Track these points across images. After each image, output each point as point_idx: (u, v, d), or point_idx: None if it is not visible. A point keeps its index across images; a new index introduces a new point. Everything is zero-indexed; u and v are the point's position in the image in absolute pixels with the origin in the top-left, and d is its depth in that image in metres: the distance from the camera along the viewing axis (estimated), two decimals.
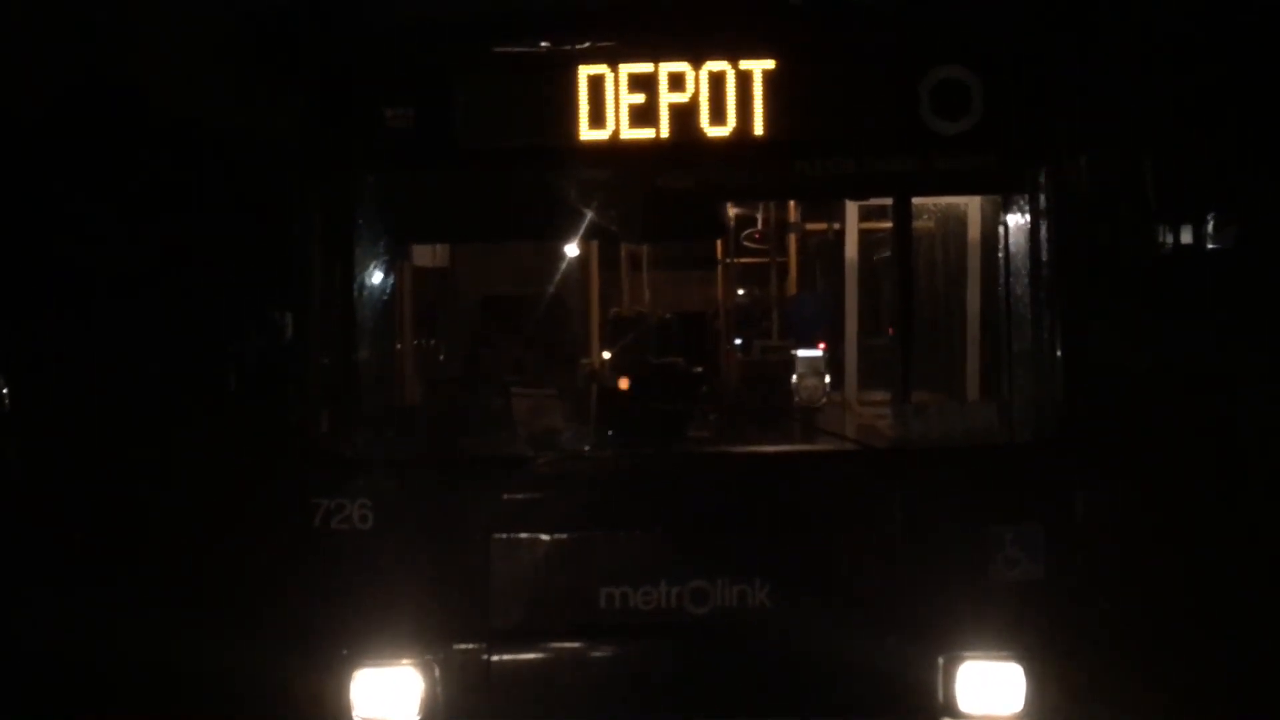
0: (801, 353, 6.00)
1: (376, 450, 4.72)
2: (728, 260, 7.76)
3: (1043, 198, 4.70)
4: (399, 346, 5.41)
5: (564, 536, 4.63)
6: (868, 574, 4.63)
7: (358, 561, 4.59)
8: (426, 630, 4.60)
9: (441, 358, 5.51)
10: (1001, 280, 4.91)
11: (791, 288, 7.53)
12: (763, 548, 4.63)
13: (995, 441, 4.80)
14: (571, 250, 6.24)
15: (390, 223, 4.85)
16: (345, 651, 4.60)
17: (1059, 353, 4.72)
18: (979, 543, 4.63)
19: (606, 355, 5.65)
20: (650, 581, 4.58)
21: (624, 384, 4.95)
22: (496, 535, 4.61)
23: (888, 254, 6.35)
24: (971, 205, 5.66)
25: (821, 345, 6.23)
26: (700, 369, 5.33)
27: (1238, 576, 6.78)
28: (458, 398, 5.21)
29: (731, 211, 7.04)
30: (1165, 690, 5.77)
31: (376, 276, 5.06)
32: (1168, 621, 6.38)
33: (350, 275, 4.77)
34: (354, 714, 4.62)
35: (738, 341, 7.50)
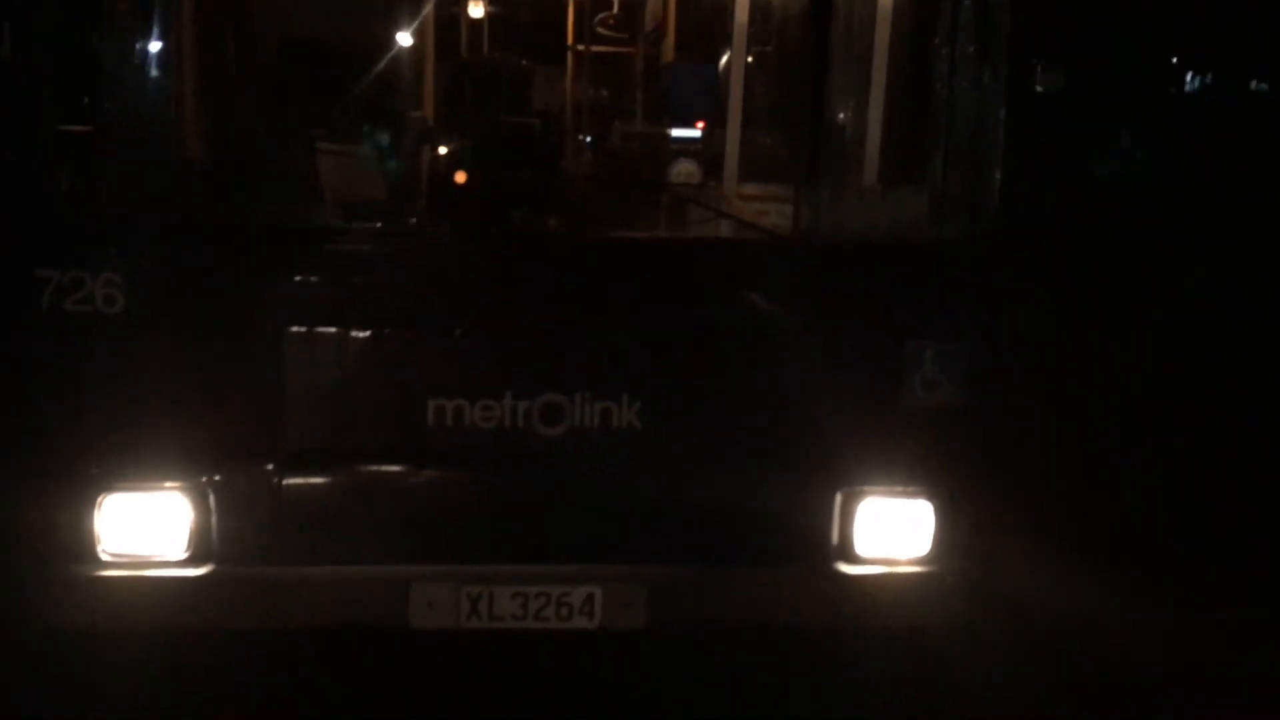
0: (677, 132, 5.03)
1: (128, 210, 3.56)
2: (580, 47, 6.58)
3: None
4: (173, 85, 4.16)
5: (382, 334, 3.61)
6: (757, 392, 3.76)
7: (103, 355, 3.49)
8: (198, 446, 3.57)
9: (231, 105, 4.29)
10: (943, 42, 3.97)
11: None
12: (633, 358, 3.71)
13: (916, 238, 3.92)
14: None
15: None
16: (93, 470, 3.53)
17: (999, 132, 3.84)
18: (893, 360, 3.79)
19: (441, 110, 4.51)
20: (491, 394, 3.61)
21: (451, 148, 3.88)
22: (292, 329, 3.56)
23: (783, 27, 5.35)
24: None
25: (700, 124, 5.24)
26: (558, 132, 4.27)
27: (1174, 407, 6.16)
28: (247, 153, 4.03)
29: None
30: (1088, 535, 5.12)
31: None
32: (1097, 460, 5.73)
33: None
34: (100, 548, 3.57)
35: (587, 139, 6.41)
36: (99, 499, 3.55)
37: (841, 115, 4.88)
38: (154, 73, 3.69)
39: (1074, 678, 4.23)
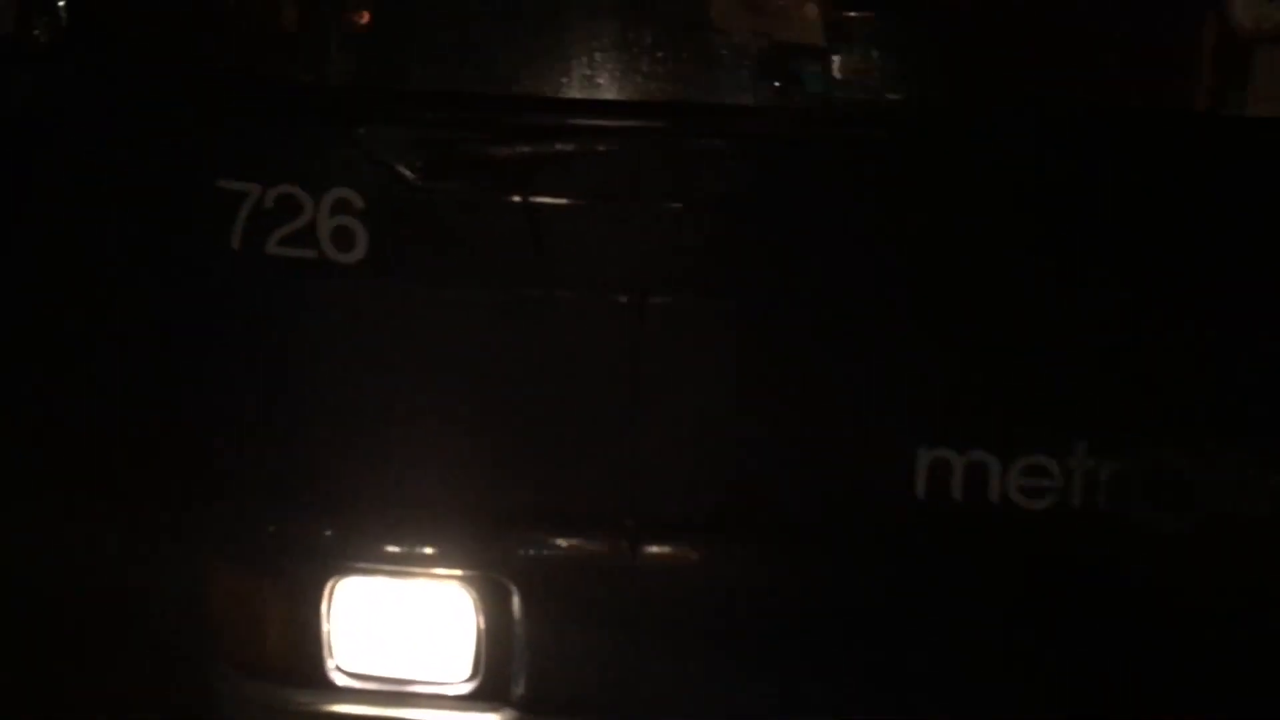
0: None
1: (375, 70, 1.98)
2: None
3: None
4: None
5: (822, 312, 1.85)
6: None
7: (331, 336, 1.95)
8: (487, 505, 1.97)
9: None
10: None
11: None
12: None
13: None
14: None
15: None
16: (322, 536, 2.03)
17: None
18: None
19: None
20: (1044, 441, 1.79)
21: None
22: (658, 298, 1.87)
23: None
24: None
25: None
26: None
27: None
28: None
29: None
30: None
31: None
32: None
33: None
34: (331, 665, 2.07)
35: None
36: (329, 585, 2.03)
37: None
38: None
39: None
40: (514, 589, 2.00)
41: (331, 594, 2.05)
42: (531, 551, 1.98)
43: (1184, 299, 1.78)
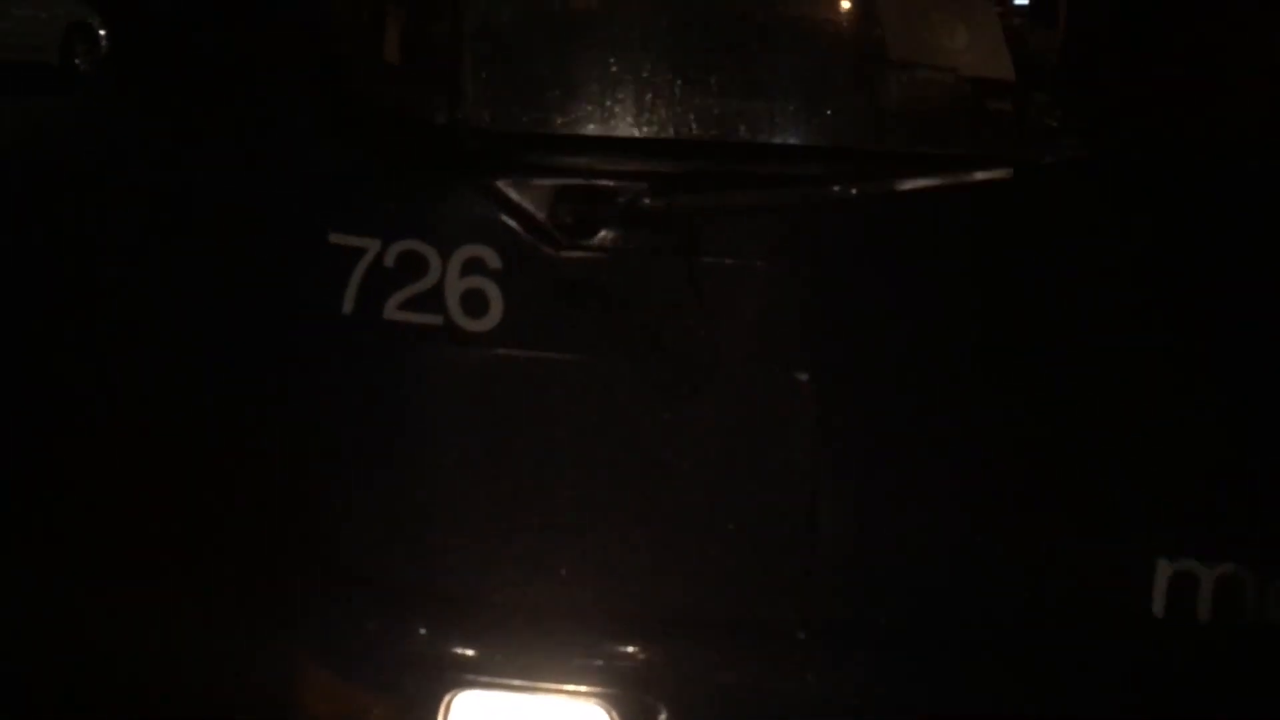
0: None
1: (517, 115, 1.73)
2: None
3: None
4: None
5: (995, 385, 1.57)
6: None
7: (454, 414, 1.69)
8: (633, 607, 1.70)
9: None
10: None
11: None
12: None
13: None
14: None
15: None
16: (445, 639, 1.76)
17: None
18: None
19: None
20: None
21: None
22: (838, 376, 1.60)
23: None
24: None
25: None
26: None
27: None
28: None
29: None
30: None
31: None
32: None
33: None
34: None
35: None
36: (446, 699, 1.77)
37: None
38: None
39: None
40: (662, 710, 1.72)
41: (448, 709, 1.78)
42: (683, 667, 1.71)
43: None
